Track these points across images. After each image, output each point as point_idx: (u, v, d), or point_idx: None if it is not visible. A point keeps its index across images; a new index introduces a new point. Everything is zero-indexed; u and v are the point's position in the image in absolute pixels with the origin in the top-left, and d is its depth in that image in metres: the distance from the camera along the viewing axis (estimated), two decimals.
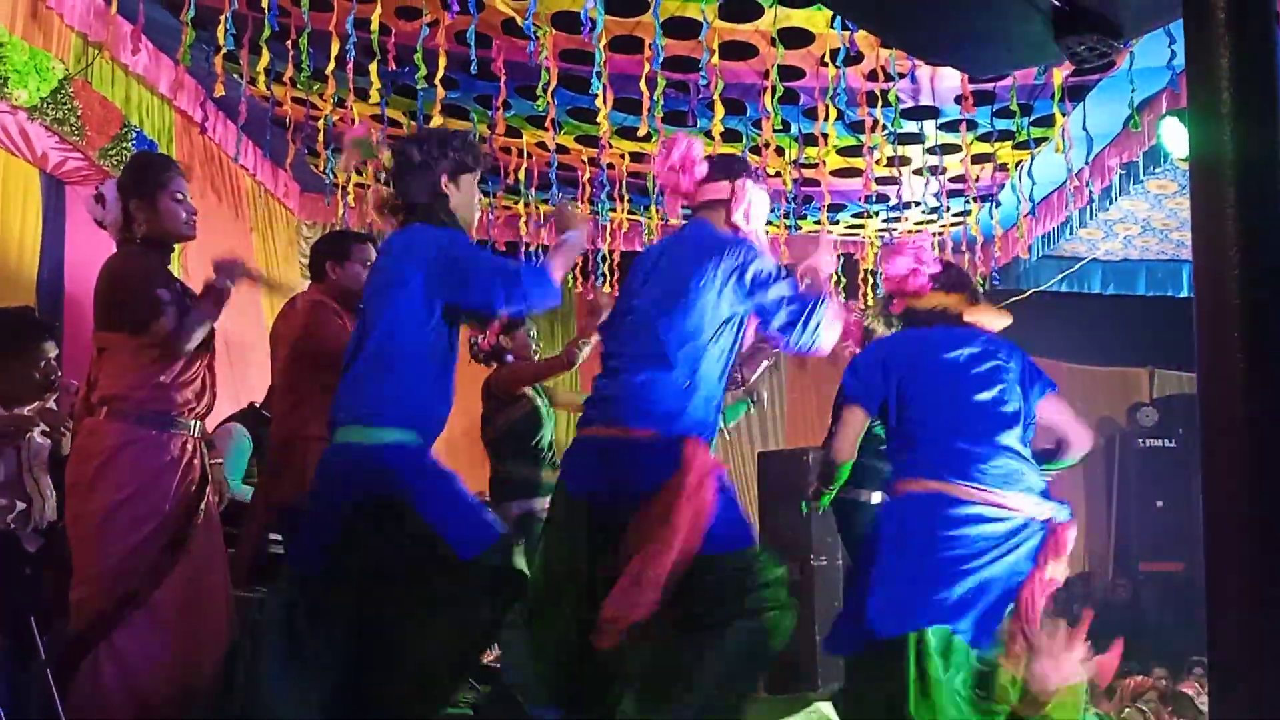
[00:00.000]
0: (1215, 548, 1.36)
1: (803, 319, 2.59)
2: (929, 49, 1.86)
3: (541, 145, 5.54)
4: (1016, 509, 2.70)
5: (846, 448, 2.97)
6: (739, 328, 2.64)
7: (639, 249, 6.87)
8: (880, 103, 4.85)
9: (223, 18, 3.98)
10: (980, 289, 3.12)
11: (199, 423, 3.05)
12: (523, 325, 4.28)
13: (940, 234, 6.99)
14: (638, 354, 2.57)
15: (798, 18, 4.27)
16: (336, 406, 2.68)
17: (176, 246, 3.37)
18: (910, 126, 5.28)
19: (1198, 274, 1.36)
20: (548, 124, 4.96)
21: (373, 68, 4.20)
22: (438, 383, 2.67)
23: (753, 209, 2.70)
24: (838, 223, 6.84)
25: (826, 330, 2.62)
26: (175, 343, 2.89)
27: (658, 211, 6.46)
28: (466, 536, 2.52)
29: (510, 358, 4.31)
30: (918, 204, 6.40)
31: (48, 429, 3.27)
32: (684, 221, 2.82)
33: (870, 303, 6.85)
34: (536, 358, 4.38)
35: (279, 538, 3.66)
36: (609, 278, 6.82)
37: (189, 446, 2.97)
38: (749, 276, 2.56)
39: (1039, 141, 5.31)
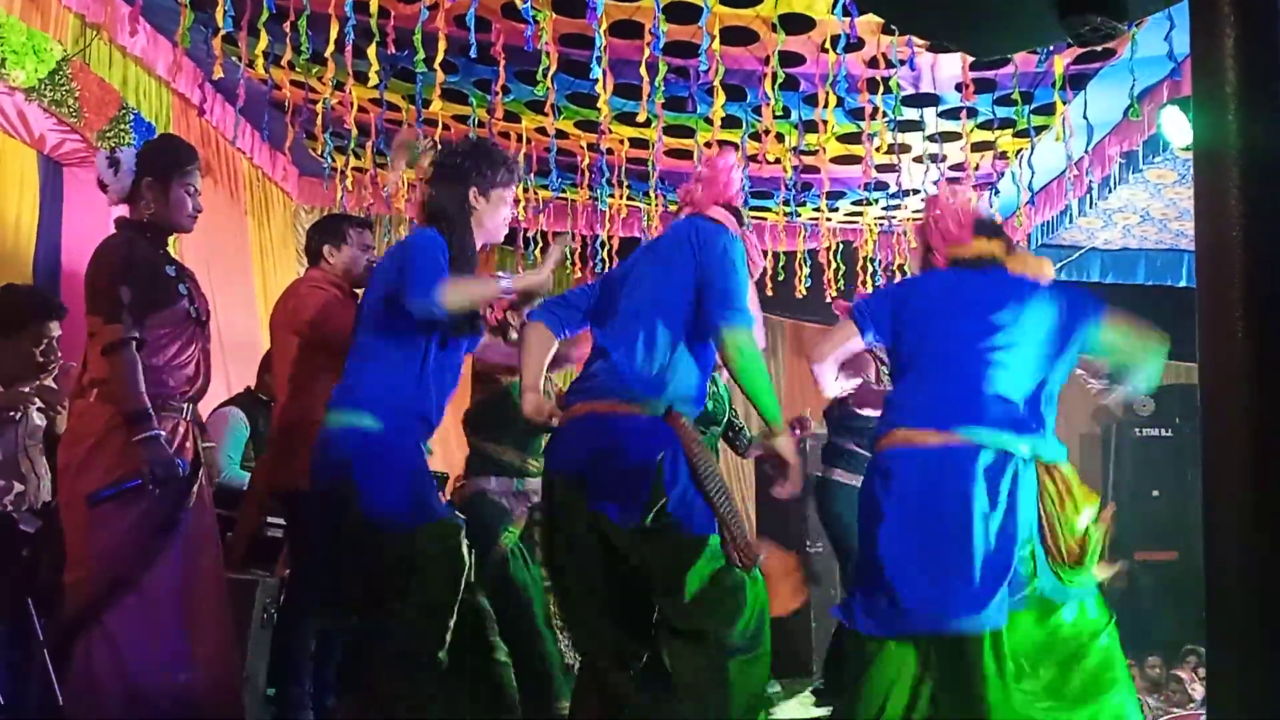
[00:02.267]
0: (1215, 537, 1.35)
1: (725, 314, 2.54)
2: (932, 30, 1.85)
3: (541, 130, 5.52)
4: (1000, 445, 2.58)
5: (822, 351, 2.84)
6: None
7: (637, 235, 6.86)
8: (881, 90, 4.83)
9: (221, 0, 3.96)
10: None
11: (191, 406, 3.05)
12: (531, 304, 4.29)
13: None
14: (629, 337, 2.57)
15: (799, 3, 4.26)
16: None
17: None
18: (911, 114, 5.27)
19: (1200, 261, 1.35)
20: (547, 109, 4.94)
21: (371, 51, 4.18)
22: (408, 369, 2.75)
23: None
24: (837, 210, 6.83)
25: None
26: (111, 370, 2.83)
27: (657, 198, 6.45)
28: (405, 513, 2.64)
29: (515, 334, 4.33)
30: (917, 191, 6.38)
31: (44, 406, 3.27)
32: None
33: (870, 288, 6.85)
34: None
35: (279, 521, 3.66)
36: (608, 264, 6.81)
37: (180, 429, 2.96)
38: (708, 254, 2.56)
39: (1039, 130, 5.30)
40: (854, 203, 6.70)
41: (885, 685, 2.56)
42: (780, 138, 5.52)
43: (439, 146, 3.02)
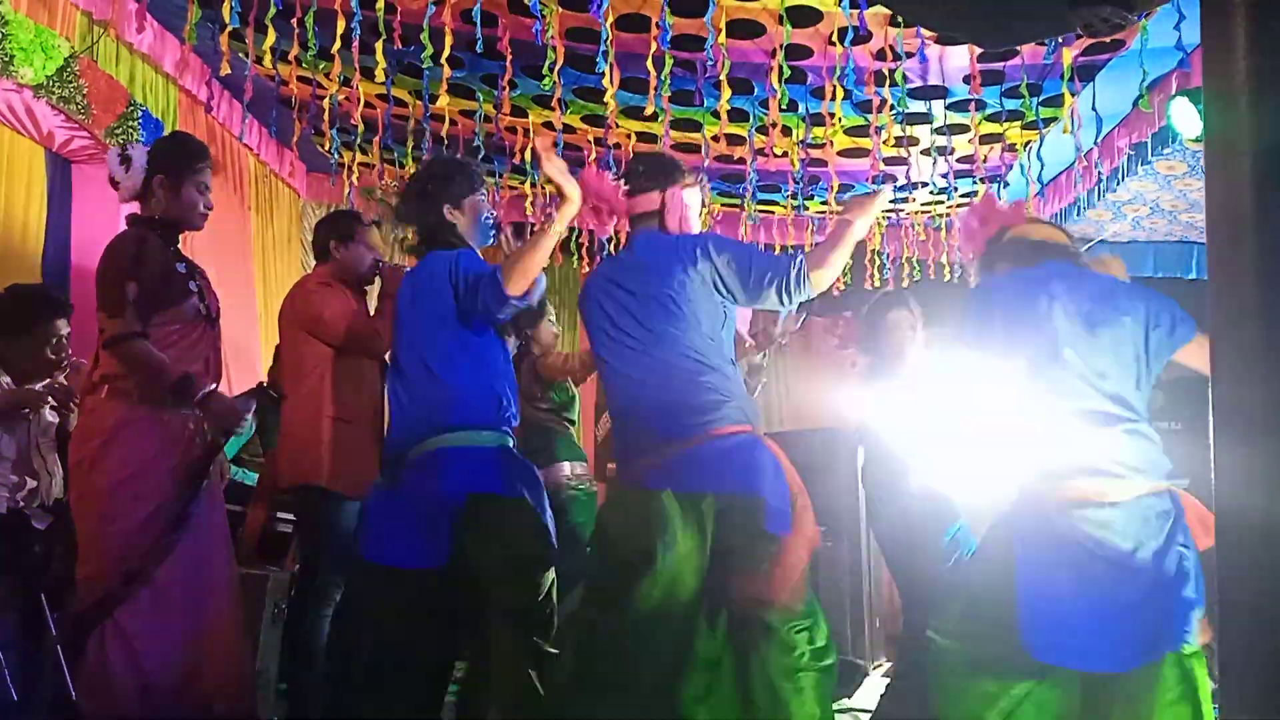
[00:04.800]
0: (1227, 531, 1.34)
1: (791, 278, 2.65)
2: (941, 20, 1.84)
3: (548, 125, 5.52)
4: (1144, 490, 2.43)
5: None
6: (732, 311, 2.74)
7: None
8: (888, 82, 4.82)
9: None
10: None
11: None
12: (543, 318, 4.35)
13: (947, 215, 6.96)
14: (664, 367, 2.62)
15: None
16: (421, 417, 2.79)
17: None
18: (918, 106, 5.25)
19: (1212, 252, 1.34)
20: (554, 103, 4.94)
21: (378, 46, 4.18)
22: (508, 382, 2.86)
23: (687, 214, 2.78)
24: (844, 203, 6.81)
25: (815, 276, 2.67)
26: (124, 364, 2.86)
27: None
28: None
29: (536, 348, 4.40)
30: (925, 184, 6.37)
31: (56, 404, 3.28)
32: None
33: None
34: (554, 331, 4.59)
35: (288, 516, 3.68)
36: None
37: (191, 425, 2.97)
38: (731, 264, 2.65)
39: (1048, 122, 5.28)
40: None
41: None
42: (787, 131, 5.50)
43: (397, 184, 3.14)
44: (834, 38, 4.45)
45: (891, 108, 5.06)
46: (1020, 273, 2.63)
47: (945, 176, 6.12)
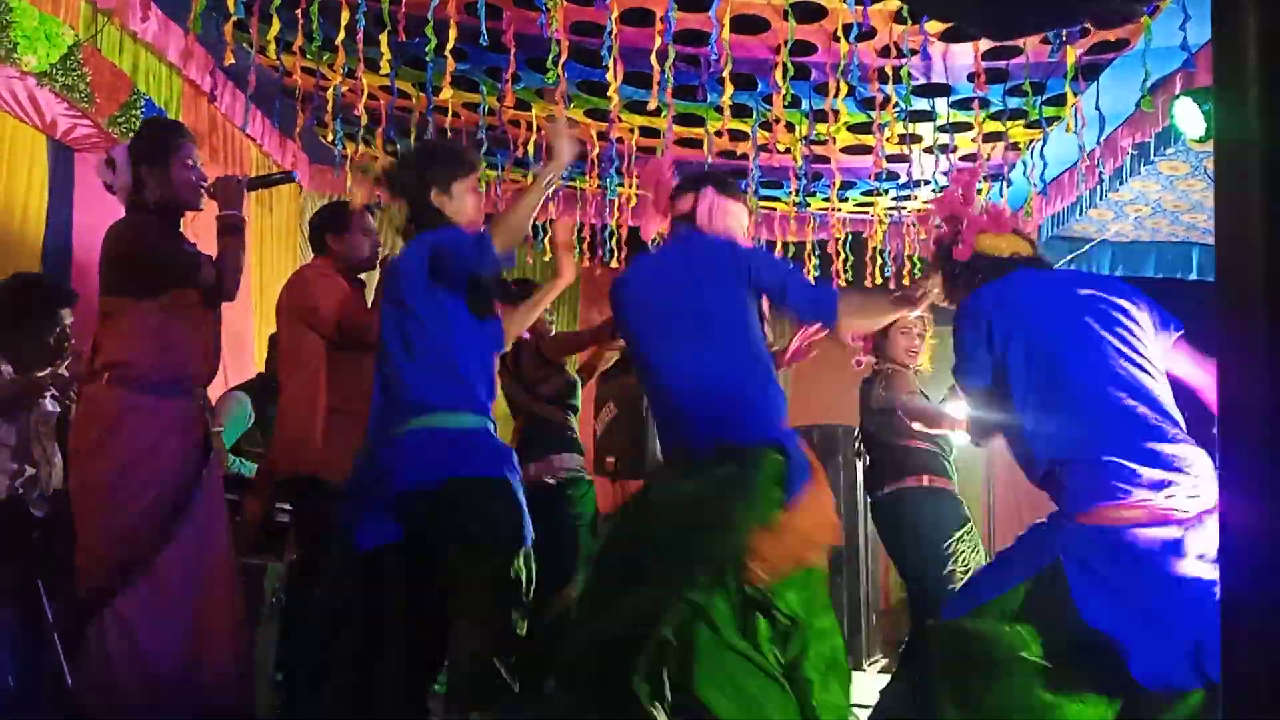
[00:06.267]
0: (1231, 542, 1.33)
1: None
2: (950, 10, 1.84)
3: (550, 119, 5.50)
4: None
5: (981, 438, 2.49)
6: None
7: None
8: (892, 79, 4.81)
9: None
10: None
11: (201, 389, 3.06)
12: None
13: None
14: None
15: None
16: (401, 398, 2.74)
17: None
18: (922, 104, 5.24)
19: (1220, 252, 1.32)
20: (558, 97, 4.93)
21: (383, 38, 4.17)
22: (485, 368, 2.83)
23: (718, 215, 2.78)
24: (846, 200, 6.81)
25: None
26: (226, 284, 3.00)
27: None
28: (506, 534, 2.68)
29: (527, 334, 4.36)
30: (928, 182, 6.36)
31: (58, 394, 3.28)
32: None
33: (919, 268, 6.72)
34: (552, 330, 4.58)
35: (286, 507, 3.68)
36: (616, 254, 6.80)
37: (191, 413, 2.97)
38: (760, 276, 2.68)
39: (1051, 121, 5.27)
40: (864, 193, 6.68)
41: None
42: (790, 127, 5.49)
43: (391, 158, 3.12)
44: (838, 34, 4.44)
45: (895, 105, 5.05)
46: (1001, 281, 2.40)
47: (947, 174, 6.11)
